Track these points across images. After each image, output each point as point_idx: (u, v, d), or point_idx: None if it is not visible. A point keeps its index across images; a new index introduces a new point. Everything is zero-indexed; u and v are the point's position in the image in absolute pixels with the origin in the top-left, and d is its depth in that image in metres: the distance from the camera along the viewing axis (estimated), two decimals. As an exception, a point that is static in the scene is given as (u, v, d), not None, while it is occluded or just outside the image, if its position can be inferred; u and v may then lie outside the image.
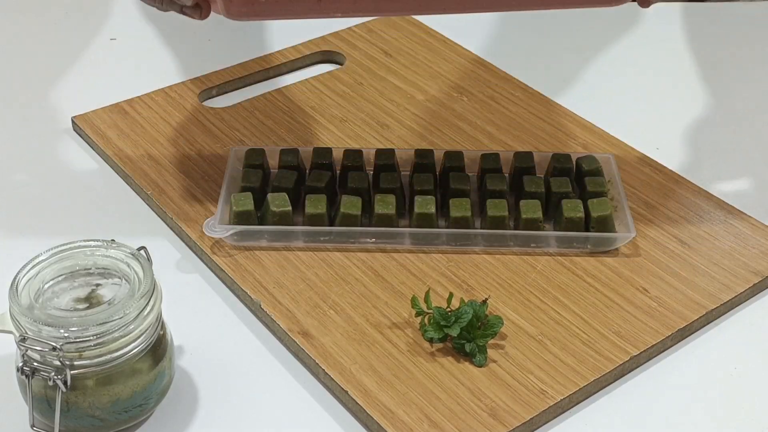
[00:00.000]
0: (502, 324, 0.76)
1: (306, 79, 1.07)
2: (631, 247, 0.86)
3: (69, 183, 0.95)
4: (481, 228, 0.86)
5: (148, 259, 0.70)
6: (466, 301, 0.77)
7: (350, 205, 0.86)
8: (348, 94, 1.05)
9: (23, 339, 0.65)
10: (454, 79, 1.07)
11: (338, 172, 0.91)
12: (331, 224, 0.86)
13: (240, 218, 0.85)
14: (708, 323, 0.81)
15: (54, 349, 0.65)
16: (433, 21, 1.17)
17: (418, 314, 0.77)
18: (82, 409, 0.67)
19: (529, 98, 1.05)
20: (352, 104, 1.03)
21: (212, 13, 1.22)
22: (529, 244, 0.85)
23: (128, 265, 0.70)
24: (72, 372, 0.66)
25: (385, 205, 0.86)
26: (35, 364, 0.66)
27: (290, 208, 0.85)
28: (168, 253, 0.86)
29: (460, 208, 0.85)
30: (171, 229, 0.89)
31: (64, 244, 0.70)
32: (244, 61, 1.09)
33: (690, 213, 0.90)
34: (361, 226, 0.86)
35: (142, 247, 0.71)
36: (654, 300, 0.81)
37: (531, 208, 0.86)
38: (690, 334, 0.80)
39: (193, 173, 0.93)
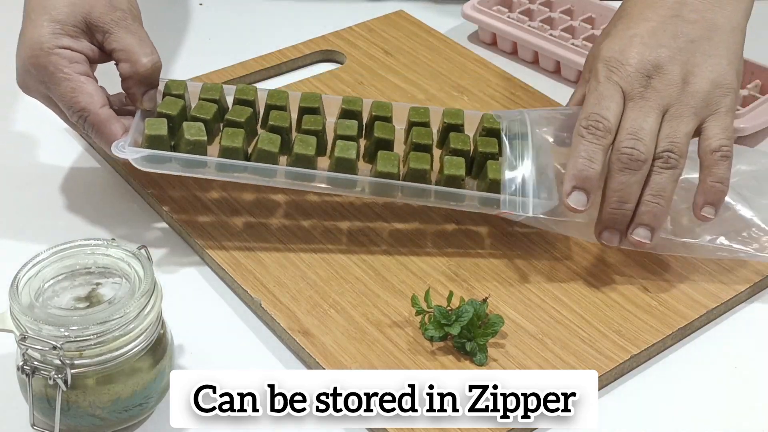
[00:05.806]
0: (503, 323, 0.76)
1: (306, 79, 1.07)
2: (632, 246, 0.86)
3: (69, 183, 0.95)
4: (402, 180, 0.84)
5: (149, 258, 0.70)
6: (466, 299, 0.77)
7: (267, 141, 0.82)
8: (348, 94, 1.05)
9: (23, 338, 0.65)
10: (455, 79, 1.07)
11: (261, 111, 0.89)
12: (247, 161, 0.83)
13: (152, 142, 0.82)
14: (708, 322, 0.81)
15: (54, 348, 0.65)
16: (434, 20, 1.17)
17: (418, 313, 0.77)
18: (82, 408, 0.67)
19: (530, 98, 1.05)
20: (352, 103, 1.03)
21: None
22: (450, 201, 0.83)
23: (128, 264, 0.70)
24: (72, 371, 0.66)
25: (305, 146, 0.83)
26: (35, 363, 0.66)
27: (206, 138, 0.82)
28: (168, 253, 0.86)
29: (387, 162, 0.82)
30: (171, 228, 0.89)
31: (64, 243, 0.70)
32: (244, 61, 1.09)
33: (690, 212, 0.90)
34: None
35: (143, 246, 0.71)
36: (654, 299, 0.81)
37: (454, 165, 0.83)
38: (690, 333, 0.80)
39: (194, 172, 0.93)
